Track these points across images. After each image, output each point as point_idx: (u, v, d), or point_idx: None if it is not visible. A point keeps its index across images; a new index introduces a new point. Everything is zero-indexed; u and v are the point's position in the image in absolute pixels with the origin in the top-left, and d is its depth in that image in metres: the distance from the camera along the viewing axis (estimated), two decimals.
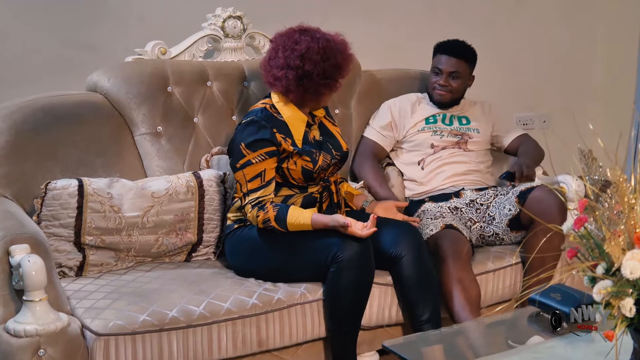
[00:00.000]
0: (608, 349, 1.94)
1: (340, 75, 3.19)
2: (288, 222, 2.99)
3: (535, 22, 4.99)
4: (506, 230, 3.50)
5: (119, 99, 3.40)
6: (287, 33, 3.18)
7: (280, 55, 3.14)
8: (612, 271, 1.95)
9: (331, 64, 3.13)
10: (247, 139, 3.07)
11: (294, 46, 3.12)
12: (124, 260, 3.15)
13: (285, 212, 3.01)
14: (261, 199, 3.03)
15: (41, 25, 3.67)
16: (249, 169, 3.05)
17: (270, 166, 3.07)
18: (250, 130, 3.08)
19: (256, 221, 3.04)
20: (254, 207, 3.03)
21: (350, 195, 3.44)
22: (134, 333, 2.69)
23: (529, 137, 3.94)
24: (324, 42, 3.13)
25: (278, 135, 3.09)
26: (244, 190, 3.06)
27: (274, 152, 3.07)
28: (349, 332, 3.01)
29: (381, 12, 4.47)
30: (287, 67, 3.11)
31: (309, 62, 3.10)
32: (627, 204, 1.97)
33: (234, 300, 2.89)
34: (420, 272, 3.10)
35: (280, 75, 3.12)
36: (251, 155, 3.05)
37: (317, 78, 3.12)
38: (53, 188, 3.01)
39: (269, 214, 3.00)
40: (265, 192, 3.05)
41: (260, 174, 3.05)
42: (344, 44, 3.20)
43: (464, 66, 3.79)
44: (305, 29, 3.18)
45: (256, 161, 3.05)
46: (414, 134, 3.79)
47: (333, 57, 3.13)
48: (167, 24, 3.86)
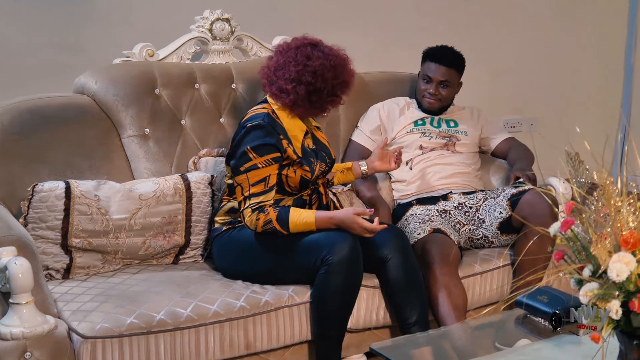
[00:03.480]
0: (594, 351, 1.94)
1: (345, 92, 3.23)
2: (290, 222, 2.99)
3: (523, 25, 5.01)
4: (496, 233, 3.50)
5: (107, 101, 3.39)
6: (297, 46, 3.17)
7: (292, 69, 3.12)
8: (599, 274, 1.96)
9: (340, 82, 3.16)
10: (253, 143, 3.05)
11: (307, 62, 3.12)
12: (111, 263, 3.14)
13: (287, 212, 3.01)
14: (262, 204, 3.03)
15: (29, 27, 3.67)
16: (254, 173, 3.04)
17: (274, 172, 3.07)
18: (257, 134, 3.06)
19: (255, 224, 3.03)
20: (254, 211, 3.02)
21: (349, 172, 3.48)
22: (121, 336, 2.69)
23: (516, 141, 3.95)
24: (334, 59, 3.14)
25: (283, 142, 3.09)
26: (246, 194, 3.04)
27: (279, 158, 3.07)
28: (335, 335, 3.01)
29: (370, 15, 4.48)
30: (299, 82, 3.11)
31: (321, 79, 3.11)
32: (613, 207, 1.98)
33: (222, 302, 2.89)
34: (407, 275, 3.10)
35: (289, 89, 3.11)
36: (258, 159, 3.03)
37: (325, 95, 3.14)
38: (40, 190, 3.00)
39: (270, 216, 3.00)
40: (267, 198, 3.04)
41: (264, 179, 3.04)
42: (348, 59, 3.23)
43: (454, 74, 3.80)
44: (314, 42, 3.18)
45: (262, 166, 3.03)
46: (403, 135, 3.79)
47: (342, 75, 3.16)
48: (155, 26, 3.86)
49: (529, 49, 5.04)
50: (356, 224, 2.97)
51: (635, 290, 1.91)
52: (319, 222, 3.00)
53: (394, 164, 3.46)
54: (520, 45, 5.00)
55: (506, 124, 4.96)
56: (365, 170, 3.46)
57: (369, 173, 3.48)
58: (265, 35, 3.76)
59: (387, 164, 3.46)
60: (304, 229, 3.00)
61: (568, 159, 2.12)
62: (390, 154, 3.46)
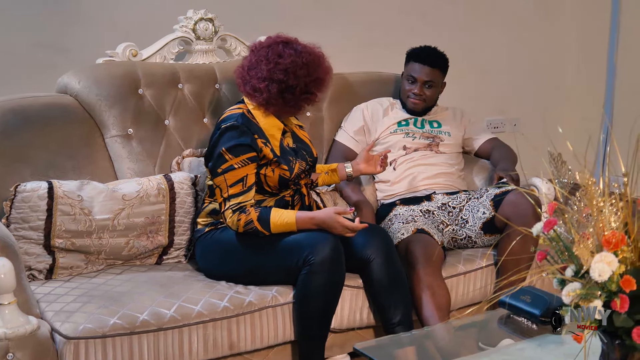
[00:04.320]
0: (577, 350, 1.95)
1: (320, 89, 3.20)
2: (272, 222, 2.98)
3: (507, 26, 5.03)
4: (479, 233, 3.51)
5: (90, 101, 3.38)
6: (269, 44, 3.17)
7: (264, 68, 3.12)
8: (581, 274, 1.97)
9: (313, 79, 3.14)
10: (227, 144, 3.04)
11: (278, 59, 3.11)
12: (95, 263, 3.13)
13: (268, 212, 3.00)
14: (242, 204, 3.03)
15: (12, 26, 3.64)
16: (231, 174, 3.03)
17: (251, 171, 3.06)
18: (231, 134, 3.06)
19: (236, 225, 3.02)
20: (235, 212, 3.02)
21: (333, 173, 3.48)
22: (104, 336, 2.68)
23: (499, 141, 3.97)
24: (307, 56, 3.13)
25: (259, 141, 3.08)
26: (225, 195, 3.04)
27: (255, 157, 3.06)
28: (318, 335, 3.01)
29: (354, 15, 4.48)
30: (270, 80, 3.10)
31: (293, 76, 3.10)
32: (595, 207, 1.99)
33: (205, 303, 2.88)
34: (390, 275, 3.10)
35: (261, 87, 3.11)
36: (234, 160, 3.03)
37: (299, 92, 3.12)
38: (22, 190, 2.99)
39: (251, 216, 2.99)
40: (247, 198, 3.04)
41: (242, 179, 3.04)
42: (323, 57, 3.21)
43: (438, 75, 3.81)
44: (286, 40, 3.17)
45: (238, 166, 3.03)
46: (387, 136, 3.80)
47: (315, 72, 3.14)
48: (138, 26, 3.84)
49: (512, 49, 5.06)
50: (337, 223, 2.98)
51: (617, 290, 1.92)
52: (299, 223, 3.00)
53: (380, 167, 3.46)
54: (503, 45, 5.02)
55: (489, 125, 4.98)
56: (350, 172, 3.47)
57: (354, 175, 3.48)
58: (249, 35, 3.75)
59: (372, 167, 3.46)
60: (285, 229, 3.00)
61: (551, 159, 2.12)
62: (376, 157, 3.46)
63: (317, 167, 3.47)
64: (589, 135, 2.44)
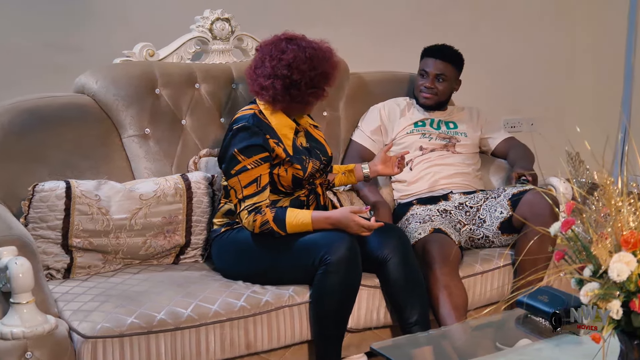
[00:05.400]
0: (595, 351, 1.94)
1: (327, 83, 3.19)
2: (287, 222, 2.98)
3: (521, 25, 5.01)
4: (497, 233, 3.50)
5: (107, 101, 3.39)
6: (273, 42, 3.17)
7: (268, 65, 3.12)
8: (600, 273, 1.96)
9: (318, 73, 3.12)
10: (239, 145, 3.05)
11: (281, 55, 3.11)
12: (112, 263, 3.14)
13: (284, 212, 3.00)
14: (257, 205, 3.03)
15: (29, 27, 3.66)
16: (244, 175, 3.04)
17: (265, 172, 3.06)
18: (243, 136, 3.07)
19: (252, 226, 3.03)
20: (251, 213, 3.02)
21: (350, 174, 3.46)
22: (121, 335, 2.68)
23: (516, 140, 3.95)
24: (310, 50, 3.12)
25: (271, 141, 3.08)
26: (240, 197, 3.05)
27: (267, 157, 3.07)
28: (334, 334, 3.00)
29: (369, 15, 4.47)
30: (275, 76, 3.10)
31: (297, 71, 3.09)
32: (614, 207, 1.98)
33: (222, 302, 2.89)
34: (407, 275, 3.10)
35: (267, 85, 3.11)
36: (246, 161, 3.04)
37: (304, 87, 3.11)
38: (40, 190, 3.00)
39: (267, 216, 3.00)
40: (261, 198, 3.04)
41: (255, 180, 3.04)
42: (330, 51, 3.19)
43: (450, 69, 3.80)
44: (291, 37, 3.17)
45: (251, 167, 3.03)
46: (403, 136, 3.80)
47: (320, 66, 3.13)
48: (155, 26, 3.85)
49: (529, 48, 5.04)
50: (353, 222, 2.97)
51: (636, 290, 1.91)
52: (315, 222, 3.00)
53: (397, 169, 3.44)
54: (519, 45, 5.00)
55: (506, 124, 4.96)
56: (367, 173, 3.45)
57: (370, 176, 3.46)
58: (266, 35, 3.73)
59: (389, 169, 3.43)
60: (300, 229, 3.00)
61: (568, 158, 2.12)
62: (394, 158, 3.43)
63: (334, 167, 3.47)
64: (606, 135, 2.43)
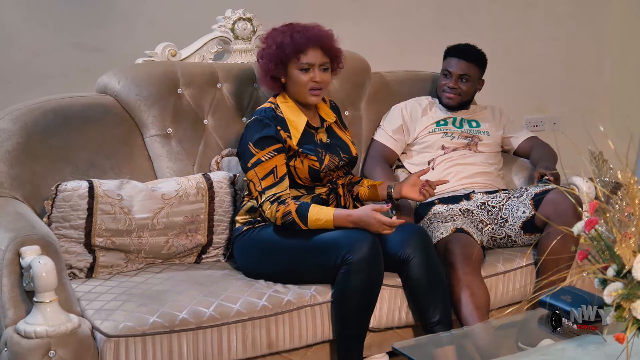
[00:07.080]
0: (619, 351, 1.93)
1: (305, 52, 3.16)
2: (309, 216, 2.99)
3: (544, 24, 4.99)
4: (519, 232, 3.49)
5: (129, 100, 3.41)
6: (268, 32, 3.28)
7: (259, 51, 3.28)
8: (623, 273, 1.95)
9: (295, 40, 3.15)
10: (252, 138, 3.09)
11: (264, 39, 3.27)
12: (134, 262, 3.16)
13: (307, 207, 3.01)
14: (279, 194, 3.04)
15: (51, 28, 3.69)
16: (260, 167, 3.06)
17: (280, 162, 3.08)
18: (255, 128, 3.12)
19: (275, 216, 3.03)
20: (273, 203, 3.03)
21: (374, 189, 3.41)
22: (144, 334, 2.70)
23: (538, 140, 3.94)
24: (291, 26, 3.22)
25: (283, 133, 3.11)
26: (259, 189, 3.06)
27: (282, 148, 3.09)
28: (356, 334, 3.00)
29: (391, 14, 4.47)
30: (261, 57, 3.22)
31: (271, 40, 3.20)
32: (637, 206, 1.97)
33: (244, 302, 2.89)
34: (429, 274, 3.09)
35: (261, 75, 3.25)
36: (260, 153, 3.06)
37: (284, 57, 3.16)
38: (63, 190, 3.02)
39: (289, 207, 3.01)
40: (281, 188, 3.06)
41: (272, 171, 3.06)
42: (317, 26, 3.23)
43: (474, 69, 3.79)
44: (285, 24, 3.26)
45: (266, 159, 3.06)
46: (425, 135, 3.79)
47: (297, 33, 3.17)
48: (177, 25, 3.87)
49: (551, 47, 5.02)
50: (374, 220, 2.97)
51: None
52: (337, 219, 3.00)
53: (421, 195, 3.32)
54: (541, 44, 4.98)
55: (528, 123, 4.94)
56: (390, 192, 3.37)
57: (394, 197, 3.36)
58: None
59: (415, 193, 3.32)
60: (322, 225, 3.00)
61: (592, 158, 2.11)
62: (421, 183, 3.33)
63: (364, 180, 3.46)
64: (630, 134, 2.41)
